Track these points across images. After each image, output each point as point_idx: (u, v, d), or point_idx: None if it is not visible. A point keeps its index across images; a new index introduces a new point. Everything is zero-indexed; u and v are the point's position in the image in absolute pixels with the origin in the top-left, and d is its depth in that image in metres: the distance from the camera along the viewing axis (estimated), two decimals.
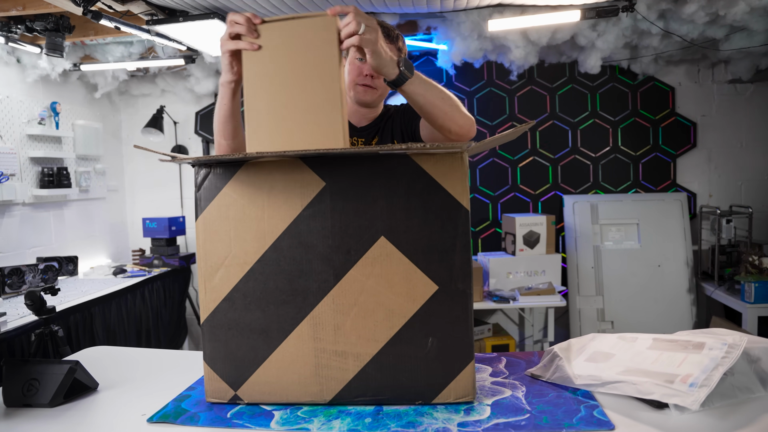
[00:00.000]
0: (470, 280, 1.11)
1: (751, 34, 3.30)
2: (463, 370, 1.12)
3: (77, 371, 1.20)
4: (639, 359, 1.22)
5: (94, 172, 4.42)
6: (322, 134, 1.13)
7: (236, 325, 1.15)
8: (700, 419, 1.02)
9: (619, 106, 4.31)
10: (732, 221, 3.85)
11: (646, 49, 3.78)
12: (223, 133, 1.43)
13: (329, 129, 1.13)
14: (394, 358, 1.12)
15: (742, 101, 4.19)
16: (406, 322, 1.11)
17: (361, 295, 1.11)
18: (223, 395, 1.16)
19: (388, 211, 1.10)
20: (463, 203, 1.10)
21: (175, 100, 4.74)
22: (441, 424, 1.04)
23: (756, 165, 4.23)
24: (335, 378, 1.13)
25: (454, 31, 3.58)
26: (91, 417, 1.14)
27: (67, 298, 3.16)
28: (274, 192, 1.12)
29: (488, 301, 3.68)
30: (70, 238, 4.18)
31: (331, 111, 1.13)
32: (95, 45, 3.91)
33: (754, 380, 1.13)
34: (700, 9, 3.02)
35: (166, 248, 4.32)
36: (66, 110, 4.11)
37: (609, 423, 1.02)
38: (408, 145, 1.01)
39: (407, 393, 1.13)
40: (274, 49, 1.17)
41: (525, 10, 3.11)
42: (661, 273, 4.03)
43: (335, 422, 1.06)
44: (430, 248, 1.10)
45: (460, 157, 1.09)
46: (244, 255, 1.14)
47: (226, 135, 1.43)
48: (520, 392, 1.19)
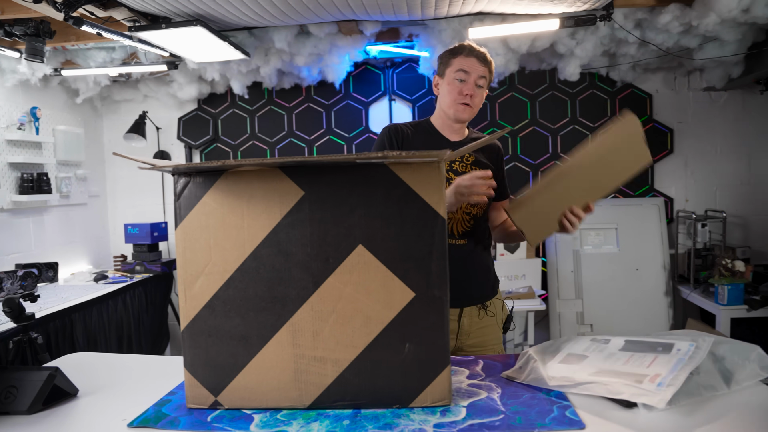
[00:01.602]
0: (446, 288, 1.14)
1: (723, 44, 3.39)
2: (439, 375, 1.15)
3: (57, 377, 1.21)
4: (611, 361, 1.26)
5: (75, 177, 4.39)
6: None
7: (216, 332, 1.17)
8: (666, 417, 1.06)
9: (599, 113, 4.38)
10: (707, 225, 3.94)
11: (623, 57, 3.86)
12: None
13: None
14: (371, 363, 1.14)
15: (717, 108, 4.28)
16: (383, 328, 1.14)
17: (340, 302, 1.14)
18: (203, 401, 1.18)
19: (365, 219, 1.13)
20: (440, 212, 1.13)
21: (158, 105, 4.73)
22: (417, 426, 1.07)
23: (730, 171, 4.32)
24: (314, 383, 1.15)
25: (435, 39, 3.62)
26: (71, 423, 1.15)
27: (47, 305, 3.14)
28: (253, 201, 1.14)
29: None
30: (50, 245, 4.14)
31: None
32: (76, 50, 3.89)
33: (718, 379, 1.17)
34: (674, 19, 3.10)
35: (148, 254, 4.31)
36: (46, 115, 4.08)
37: (580, 422, 1.05)
38: (384, 154, 1.04)
39: (385, 397, 1.15)
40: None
41: (505, 19, 3.16)
42: (639, 276, 4.10)
43: (314, 425, 1.09)
44: (407, 256, 1.13)
45: (437, 166, 1.12)
46: (224, 263, 1.16)
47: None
48: (496, 394, 1.22)
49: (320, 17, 3.16)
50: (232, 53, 3.36)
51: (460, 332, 1.88)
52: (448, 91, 1.86)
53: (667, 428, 1.02)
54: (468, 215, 1.87)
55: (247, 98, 4.56)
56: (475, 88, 1.83)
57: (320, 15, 3.09)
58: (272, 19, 3.10)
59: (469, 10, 3.08)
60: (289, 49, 3.73)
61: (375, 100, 4.53)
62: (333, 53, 3.84)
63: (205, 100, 4.70)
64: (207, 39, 3.01)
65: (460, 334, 1.89)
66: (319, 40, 3.67)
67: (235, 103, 4.68)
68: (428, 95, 4.47)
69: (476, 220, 1.89)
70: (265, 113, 4.66)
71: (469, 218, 1.88)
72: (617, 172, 1.57)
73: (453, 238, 1.87)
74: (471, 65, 1.82)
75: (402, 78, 4.47)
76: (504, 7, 2.99)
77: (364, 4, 2.88)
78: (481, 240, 1.94)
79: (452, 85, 1.85)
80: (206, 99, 4.69)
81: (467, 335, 1.90)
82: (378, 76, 4.50)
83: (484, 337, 1.93)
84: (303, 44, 3.71)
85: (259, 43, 3.73)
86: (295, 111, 4.62)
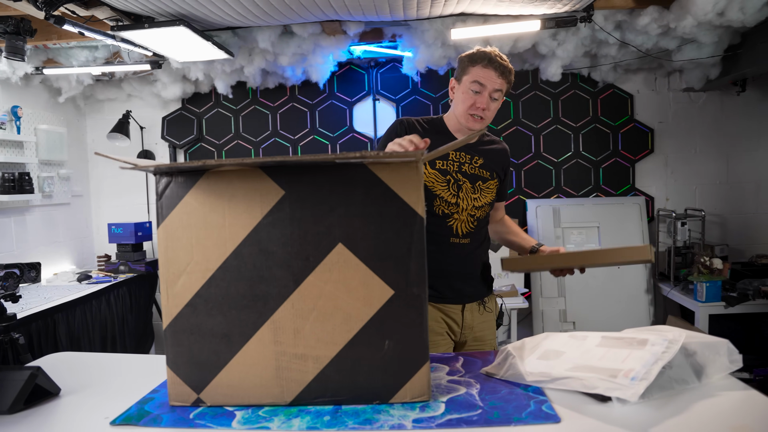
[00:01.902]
0: (425, 285, 1.16)
1: (700, 46, 3.45)
2: (418, 371, 1.17)
3: (38, 377, 1.21)
4: (587, 356, 1.29)
5: (58, 177, 4.36)
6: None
7: (198, 330, 1.18)
8: (639, 410, 1.09)
9: (581, 113, 4.44)
10: (686, 224, 4.00)
11: (605, 57, 3.91)
12: None
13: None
14: (352, 360, 1.16)
15: (696, 109, 4.36)
16: (363, 325, 1.15)
17: (320, 300, 1.15)
18: (186, 398, 1.19)
19: (345, 218, 1.15)
20: (418, 210, 1.15)
21: (142, 104, 4.71)
22: (397, 421, 1.09)
23: (709, 170, 4.40)
24: (295, 380, 1.17)
25: (418, 39, 3.65)
26: (53, 422, 1.15)
27: (29, 305, 3.12)
28: (234, 200, 1.16)
29: None
30: (32, 245, 4.11)
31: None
32: (58, 49, 3.86)
33: (689, 372, 1.21)
34: (652, 21, 3.16)
35: (132, 254, 4.29)
36: (28, 114, 4.05)
37: (556, 416, 1.08)
38: (362, 154, 1.06)
39: (365, 393, 1.17)
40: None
41: (487, 20, 3.19)
42: (621, 274, 4.16)
43: (295, 421, 1.10)
44: (386, 254, 1.15)
45: (415, 166, 1.15)
46: (206, 262, 1.17)
47: None
48: (475, 389, 1.24)
49: (303, 17, 3.17)
50: (215, 53, 3.36)
51: (464, 326, 1.95)
52: (462, 99, 1.85)
53: (640, 421, 1.05)
54: (472, 217, 1.92)
55: (231, 98, 4.56)
56: (488, 101, 1.82)
57: (303, 15, 3.10)
58: (255, 19, 3.11)
59: (451, 11, 3.11)
60: (273, 49, 3.73)
61: (359, 99, 4.55)
62: (317, 53, 3.85)
63: (190, 99, 4.69)
64: (190, 39, 3.01)
65: (464, 327, 1.95)
66: (302, 40, 3.68)
67: (219, 103, 4.68)
68: (412, 95, 4.49)
69: (479, 221, 1.94)
70: (249, 113, 4.66)
71: (473, 219, 1.92)
72: (616, 258, 1.70)
73: (457, 237, 1.91)
74: (487, 78, 1.79)
75: (386, 78, 4.50)
76: (485, 8, 3.02)
77: (347, 4, 2.90)
78: (482, 240, 1.99)
79: (466, 94, 1.83)
80: (190, 98, 4.68)
81: (470, 329, 1.96)
82: (362, 76, 4.52)
83: (483, 332, 2.00)
84: (287, 44, 3.72)
85: (243, 42, 3.74)
86: (279, 111, 4.63)
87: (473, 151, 1.95)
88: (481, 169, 1.94)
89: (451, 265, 1.93)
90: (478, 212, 1.93)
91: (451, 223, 1.91)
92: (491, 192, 1.97)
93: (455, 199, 1.89)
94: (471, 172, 1.92)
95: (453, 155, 1.91)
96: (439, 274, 1.89)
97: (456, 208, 1.90)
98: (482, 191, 1.94)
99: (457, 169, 1.90)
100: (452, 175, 1.90)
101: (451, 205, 1.89)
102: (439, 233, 1.90)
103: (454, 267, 1.94)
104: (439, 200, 1.89)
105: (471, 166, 1.92)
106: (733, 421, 1.05)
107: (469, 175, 1.92)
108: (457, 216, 1.90)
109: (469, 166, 1.92)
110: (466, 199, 1.91)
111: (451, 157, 1.90)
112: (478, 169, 1.93)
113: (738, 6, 2.83)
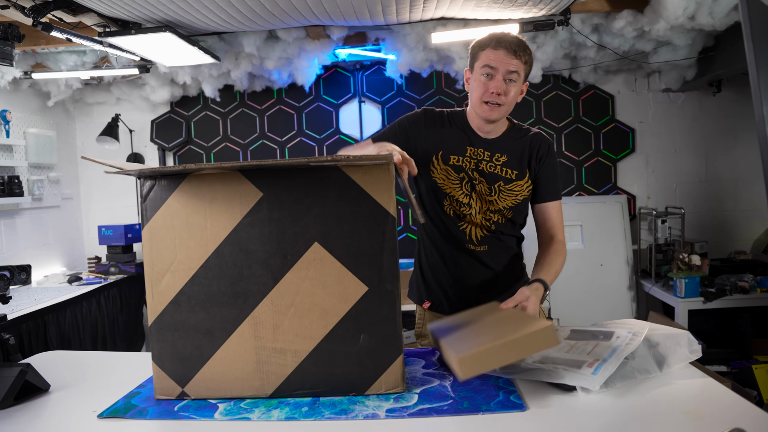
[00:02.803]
0: (398, 282, 1.23)
1: (675, 49, 3.54)
2: (392, 364, 1.23)
3: (28, 373, 1.26)
4: (556, 348, 1.35)
5: (47, 180, 4.39)
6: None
7: (182, 326, 1.24)
8: (602, 399, 1.16)
9: (563, 113, 4.51)
10: (666, 222, 4.09)
11: (584, 59, 3.99)
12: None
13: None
14: (328, 353, 1.22)
15: (675, 109, 4.45)
16: (339, 320, 1.22)
17: (298, 297, 1.21)
18: (171, 392, 1.25)
19: (321, 218, 1.21)
20: (390, 210, 1.21)
21: (131, 108, 4.74)
22: (371, 411, 1.15)
23: (689, 168, 4.49)
24: (275, 373, 1.23)
25: (400, 43, 3.71)
26: (42, 416, 1.20)
27: (19, 307, 3.16)
28: (215, 202, 1.22)
29: None
30: (22, 247, 4.14)
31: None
32: (47, 53, 3.90)
33: (651, 363, 1.28)
34: (627, 24, 3.24)
35: (122, 255, 4.33)
36: (17, 118, 4.08)
37: (522, 405, 1.15)
38: (333, 157, 1.12)
39: (342, 385, 1.23)
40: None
41: (467, 23, 3.26)
42: (604, 272, 4.24)
43: (274, 412, 1.16)
44: (360, 252, 1.21)
45: (387, 168, 1.21)
46: (189, 261, 1.23)
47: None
48: (448, 382, 1.30)
49: (286, 23, 3.23)
50: (202, 57, 3.41)
51: None
52: (474, 88, 1.68)
53: (602, 408, 1.12)
54: (488, 221, 1.75)
55: (219, 101, 4.60)
56: (503, 84, 1.62)
57: (286, 21, 3.16)
58: (239, 24, 3.16)
59: (431, 15, 3.18)
60: (259, 53, 3.79)
61: (345, 102, 4.61)
62: (302, 57, 3.91)
63: (178, 102, 4.73)
64: (176, 44, 3.06)
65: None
66: (287, 45, 3.74)
67: (207, 106, 4.72)
68: (397, 97, 4.56)
69: (499, 226, 1.76)
70: (237, 115, 4.71)
71: (490, 224, 1.75)
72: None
73: (472, 244, 1.76)
74: (498, 59, 1.60)
75: (371, 80, 4.56)
76: (464, 13, 3.09)
77: (327, 10, 2.96)
78: (504, 247, 1.80)
79: (478, 81, 1.65)
80: (179, 102, 4.72)
81: None
82: (348, 79, 4.58)
83: None
84: (272, 48, 3.78)
85: (229, 47, 3.79)
86: (266, 113, 4.68)
87: (496, 147, 1.74)
88: (505, 168, 1.72)
89: (466, 274, 1.78)
90: (494, 216, 1.74)
91: (464, 227, 1.75)
92: (516, 194, 1.74)
93: (467, 199, 1.73)
94: (489, 171, 1.72)
95: (470, 150, 1.72)
96: (453, 283, 1.79)
97: (468, 209, 1.73)
98: (501, 193, 1.73)
99: (473, 166, 1.72)
100: (467, 173, 1.72)
101: (463, 205, 1.73)
102: (454, 237, 1.76)
103: (471, 277, 1.78)
104: (449, 199, 1.74)
105: (491, 164, 1.72)
106: (687, 406, 1.12)
107: (487, 174, 1.72)
108: (470, 219, 1.74)
109: (488, 164, 1.72)
110: (479, 200, 1.73)
111: (468, 153, 1.72)
112: (500, 167, 1.72)
113: (707, 11, 2.92)
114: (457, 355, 1.15)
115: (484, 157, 1.72)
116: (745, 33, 1.17)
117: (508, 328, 1.26)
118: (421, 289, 1.88)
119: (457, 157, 1.72)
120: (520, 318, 1.34)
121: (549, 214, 1.80)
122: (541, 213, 1.81)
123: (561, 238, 1.81)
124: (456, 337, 1.33)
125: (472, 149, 1.73)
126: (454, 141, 1.74)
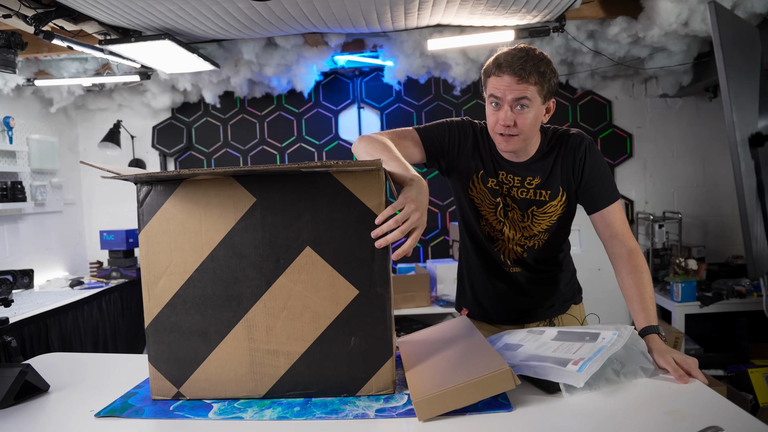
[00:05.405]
0: (388, 285, 1.25)
1: (670, 54, 3.57)
2: (383, 366, 1.25)
3: (28, 374, 1.29)
4: (542, 348, 1.38)
5: (50, 185, 4.43)
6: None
7: (178, 328, 1.27)
8: (586, 399, 1.18)
9: (561, 119, 4.54)
10: (664, 226, 4.11)
11: (581, 65, 4.02)
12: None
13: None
14: (320, 355, 1.25)
15: (672, 114, 4.48)
16: (330, 323, 1.24)
17: (290, 300, 1.24)
18: (167, 392, 1.28)
19: (312, 223, 1.24)
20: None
21: (132, 114, 4.80)
22: (361, 411, 1.17)
23: (686, 173, 4.52)
24: (268, 374, 1.26)
25: (398, 49, 3.75)
26: (41, 415, 1.23)
27: (22, 310, 3.19)
28: (210, 207, 1.25)
29: (435, 305, 3.84)
30: (25, 252, 4.18)
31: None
32: (49, 60, 3.95)
33: (635, 365, 1.31)
34: (622, 31, 3.28)
35: (123, 260, 4.37)
36: (20, 124, 4.13)
37: (509, 406, 1.17)
38: (322, 163, 1.15)
39: (333, 386, 1.26)
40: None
41: (463, 30, 3.30)
42: (601, 276, 4.26)
43: (267, 411, 1.19)
44: (351, 256, 1.24)
45: (377, 173, 1.24)
46: (184, 264, 1.26)
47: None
48: None
49: (284, 30, 3.27)
50: (201, 64, 3.45)
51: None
52: (487, 116, 1.58)
53: (585, 408, 1.15)
54: (521, 247, 1.69)
55: (219, 107, 4.65)
56: (511, 114, 1.49)
57: (283, 28, 3.20)
58: (237, 32, 3.20)
59: (427, 22, 3.21)
60: (258, 60, 3.83)
61: (344, 108, 4.65)
62: (300, 64, 3.95)
63: (179, 108, 4.78)
64: (176, 51, 3.10)
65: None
66: (286, 52, 3.78)
67: (208, 112, 4.77)
68: (396, 103, 4.59)
69: (534, 250, 1.69)
70: (237, 121, 4.75)
71: (522, 250, 1.69)
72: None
73: (506, 266, 1.73)
74: (503, 87, 1.48)
75: (370, 86, 4.60)
76: (459, 20, 3.12)
77: (323, 18, 3.00)
78: (540, 270, 1.74)
79: (489, 111, 1.56)
80: (180, 108, 4.77)
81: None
82: (347, 85, 4.62)
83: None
84: (271, 55, 3.82)
85: (229, 54, 3.83)
86: (266, 119, 4.72)
87: (528, 170, 1.63)
88: (539, 190, 1.62)
89: (502, 293, 1.77)
90: (530, 242, 1.68)
91: (499, 248, 1.71)
92: (551, 215, 1.64)
93: (500, 225, 1.67)
94: (521, 197, 1.63)
95: (502, 176, 1.63)
96: (491, 299, 1.79)
97: (501, 235, 1.68)
98: (535, 218, 1.64)
99: (506, 192, 1.64)
100: (502, 198, 1.65)
101: (496, 230, 1.69)
102: (490, 257, 1.75)
103: (509, 295, 1.76)
104: (485, 221, 1.70)
105: (522, 190, 1.63)
106: (671, 406, 1.14)
107: (519, 200, 1.64)
108: (503, 244, 1.69)
109: (520, 189, 1.63)
110: (513, 228, 1.67)
111: (501, 177, 1.64)
112: (533, 191, 1.62)
113: (700, 17, 2.95)
114: (414, 399, 1.16)
115: (514, 183, 1.63)
116: (715, 42, 1.20)
117: (467, 366, 1.25)
118: (461, 301, 1.92)
119: (494, 180, 1.64)
120: (482, 352, 1.30)
121: (610, 220, 1.59)
122: (601, 221, 1.60)
123: (633, 245, 1.59)
124: (419, 370, 1.32)
125: (503, 173, 1.64)
126: (491, 164, 1.66)
